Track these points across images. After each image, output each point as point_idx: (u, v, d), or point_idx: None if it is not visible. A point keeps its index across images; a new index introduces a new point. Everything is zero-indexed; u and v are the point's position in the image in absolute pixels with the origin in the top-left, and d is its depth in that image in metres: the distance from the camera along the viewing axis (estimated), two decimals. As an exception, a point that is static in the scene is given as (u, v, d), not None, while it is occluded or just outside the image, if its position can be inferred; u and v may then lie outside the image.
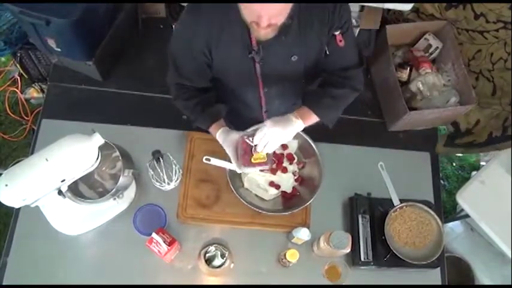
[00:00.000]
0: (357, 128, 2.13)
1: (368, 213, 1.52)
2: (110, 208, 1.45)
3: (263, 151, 1.21)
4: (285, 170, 1.51)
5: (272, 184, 1.49)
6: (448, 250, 2.16)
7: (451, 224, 2.21)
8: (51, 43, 1.89)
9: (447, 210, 2.40)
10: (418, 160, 1.70)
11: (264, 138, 1.19)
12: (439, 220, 1.52)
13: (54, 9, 1.74)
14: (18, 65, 2.36)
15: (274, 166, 1.49)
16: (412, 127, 2.11)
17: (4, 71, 2.56)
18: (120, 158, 1.30)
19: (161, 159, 1.51)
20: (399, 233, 1.52)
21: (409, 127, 2.11)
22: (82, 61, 2.01)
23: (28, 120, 2.48)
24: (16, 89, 2.51)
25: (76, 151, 1.17)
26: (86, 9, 1.78)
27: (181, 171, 1.51)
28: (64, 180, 1.19)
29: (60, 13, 1.74)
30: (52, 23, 1.75)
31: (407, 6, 1.90)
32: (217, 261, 1.34)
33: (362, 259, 1.46)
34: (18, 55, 2.28)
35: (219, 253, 1.35)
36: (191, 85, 1.32)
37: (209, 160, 1.37)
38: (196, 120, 1.35)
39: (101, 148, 1.22)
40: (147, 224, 1.44)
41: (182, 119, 1.59)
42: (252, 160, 1.23)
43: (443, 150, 2.12)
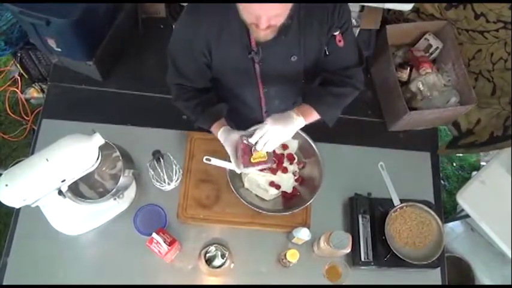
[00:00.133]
0: (357, 128, 2.13)
1: (368, 213, 1.52)
2: (110, 208, 1.45)
3: (263, 149, 1.20)
4: (285, 170, 1.51)
5: (272, 184, 1.49)
6: (448, 250, 2.16)
7: (451, 224, 2.21)
8: (51, 43, 1.89)
9: (447, 210, 2.40)
10: (418, 160, 1.70)
11: (264, 136, 1.19)
12: (439, 220, 1.52)
13: (54, 9, 1.74)
14: (18, 65, 2.36)
15: (274, 166, 1.49)
16: (412, 127, 2.10)
17: (4, 71, 2.56)
18: (120, 158, 1.30)
19: (161, 159, 1.51)
20: (399, 233, 1.52)
21: (409, 127, 2.10)
22: (82, 61, 2.01)
23: (28, 120, 2.48)
24: (16, 89, 2.51)
25: (76, 151, 1.17)
26: (86, 9, 1.78)
27: (181, 171, 1.51)
28: (64, 180, 1.19)
29: (60, 13, 1.74)
30: (52, 23, 1.75)
31: (407, 6, 1.90)
32: (217, 261, 1.34)
33: (362, 259, 1.46)
34: (18, 55, 2.28)
35: (219, 253, 1.35)
36: (191, 86, 1.32)
37: (209, 160, 1.37)
38: (197, 120, 1.35)
39: (101, 148, 1.22)
40: (148, 224, 1.44)
41: (182, 119, 1.59)
42: (252, 160, 1.22)
43: (445, 152, 2.12)
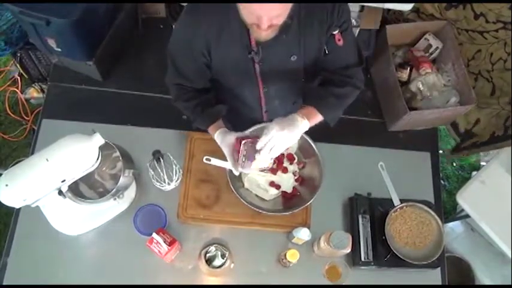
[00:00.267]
0: (357, 128, 2.13)
1: (368, 213, 1.52)
2: (110, 208, 1.45)
3: (269, 155, 1.18)
4: (285, 170, 1.51)
5: (272, 184, 1.49)
6: (448, 250, 2.16)
7: (451, 224, 2.21)
8: (51, 43, 1.89)
9: (447, 210, 2.40)
10: (418, 160, 1.70)
11: (270, 142, 1.16)
12: (439, 220, 1.52)
13: (54, 9, 1.74)
14: (18, 65, 2.36)
15: (274, 166, 1.49)
16: (412, 127, 2.10)
17: (4, 71, 2.56)
18: (120, 158, 1.30)
19: (161, 159, 1.51)
20: (399, 233, 1.52)
21: (409, 127, 2.10)
22: (82, 61, 2.01)
23: (28, 120, 2.48)
24: (16, 89, 2.51)
25: (76, 151, 1.17)
26: (86, 9, 1.78)
27: (181, 171, 1.51)
28: (64, 180, 1.19)
29: (60, 13, 1.74)
30: (52, 23, 1.75)
31: (407, 6, 1.90)
32: (217, 261, 1.34)
33: (362, 259, 1.46)
34: (18, 55, 2.28)
35: (220, 253, 1.34)
36: (191, 86, 1.32)
37: (209, 160, 1.37)
38: (195, 120, 1.35)
39: (101, 148, 1.22)
40: (148, 224, 1.44)
41: (182, 119, 1.59)
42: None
43: (450, 157, 2.11)
